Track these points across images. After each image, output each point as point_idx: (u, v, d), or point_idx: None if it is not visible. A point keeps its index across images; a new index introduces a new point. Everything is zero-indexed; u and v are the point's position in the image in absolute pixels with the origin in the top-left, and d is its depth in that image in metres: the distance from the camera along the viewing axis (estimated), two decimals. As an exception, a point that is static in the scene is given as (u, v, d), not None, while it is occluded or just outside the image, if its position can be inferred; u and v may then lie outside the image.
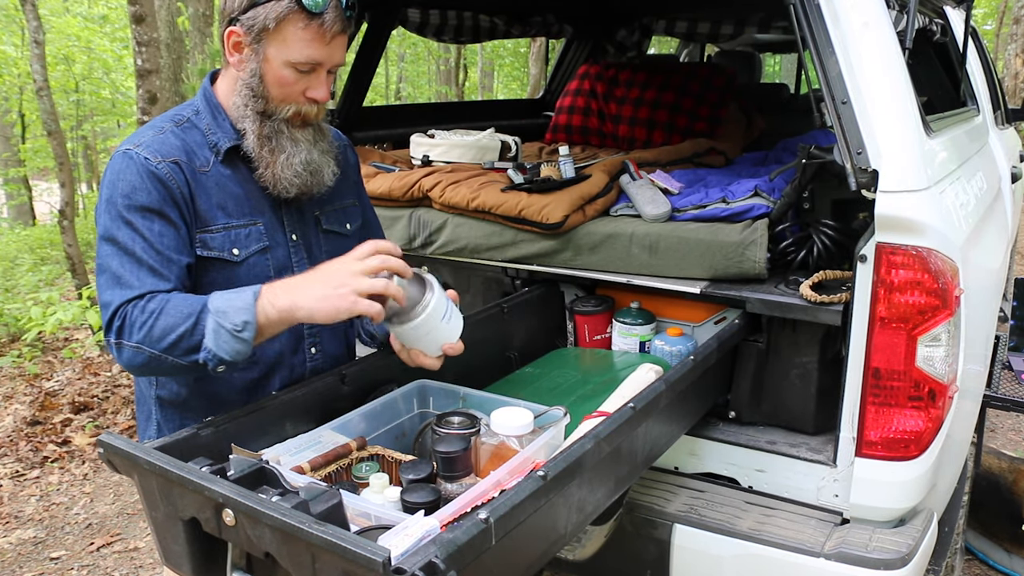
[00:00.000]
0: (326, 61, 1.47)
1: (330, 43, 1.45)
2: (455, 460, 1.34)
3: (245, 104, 1.50)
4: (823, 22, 1.78)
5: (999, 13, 15.04)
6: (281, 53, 1.44)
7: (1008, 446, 3.87)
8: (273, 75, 1.47)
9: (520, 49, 15.65)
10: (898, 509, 1.81)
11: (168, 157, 1.46)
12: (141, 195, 1.42)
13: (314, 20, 1.41)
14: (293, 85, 1.48)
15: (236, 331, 1.33)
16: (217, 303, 1.36)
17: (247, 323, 1.33)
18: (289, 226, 1.61)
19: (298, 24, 1.42)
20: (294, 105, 1.50)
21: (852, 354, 1.76)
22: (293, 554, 0.98)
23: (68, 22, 11.73)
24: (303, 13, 1.40)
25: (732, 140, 3.25)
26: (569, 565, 1.99)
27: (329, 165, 1.59)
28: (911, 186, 1.68)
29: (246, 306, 1.34)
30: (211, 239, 1.50)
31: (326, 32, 1.43)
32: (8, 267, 7.70)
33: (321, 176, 1.58)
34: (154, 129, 1.51)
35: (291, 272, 1.60)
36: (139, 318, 1.36)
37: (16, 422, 4.17)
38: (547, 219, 2.16)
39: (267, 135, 1.51)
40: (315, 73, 1.48)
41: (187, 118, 1.54)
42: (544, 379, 2.01)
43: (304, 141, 1.54)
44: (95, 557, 3.10)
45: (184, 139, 1.50)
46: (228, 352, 1.35)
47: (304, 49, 1.44)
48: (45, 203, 12.52)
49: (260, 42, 1.44)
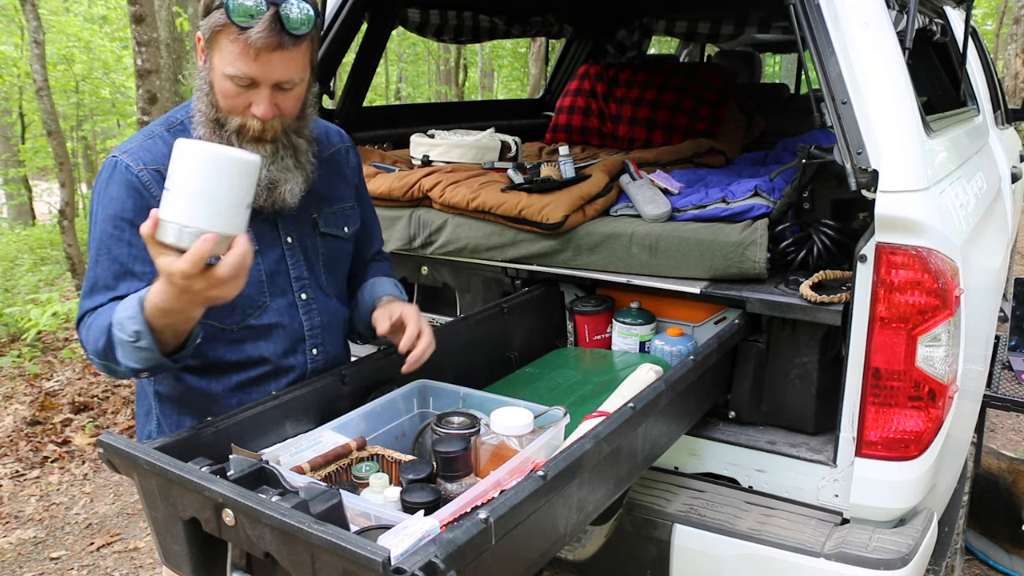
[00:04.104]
0: (260, 77, 1.40)
1: (258, 59, 1.37)
2: (455, 460, 1.34)
3: (200, 111, 1.48)
4: (823, 22, 1.78)
5: (999, 13, 15.04)
6: (220, 64, 1.41)
7: (1008, 446, 3.87)
8: (218, 85, 1.44)
9: (520, 49, 15.65)
10: (898, 509, 1.81)
11: (151, 165, 1.47)
12: (116, 204, 1.45)
13: (242, 34, 1.35)
14: (235, 98, 1.43)
15: (132, 342, 1.33)
16: (116, 315, 1.35)
17: (138, 332, 1.31)
18: (284, 229, 1.60)
19: (229, 36, 1.37)
20: (240, 118, 1.45)
21: (852, 354, 1.76)
22: (293, 554, 0.98)
23: (68, 22, 11.73)
24: (233, 26, 1.36)
25: (732, 140, 3.25)
26: (569, 565, 1.99)
27: (291, 182, 1.53)
28: (911, 186, 1.68)
29: (134, 315, 1.32)
30: None
31: (251, 48, 1.36)
32: (8, 267, 7.70)
33: (278, 192, 1.52)
34: (144, 134, 1.52)
35: (285, 276, 1.60)
36: (85, 334, 1.44)
37: (16, 422, 4.17)
38: (547, 219, 2.16)
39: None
40: (256, 88, 1.42)
41: (180, 121, 1.55)
42: (544, 379, 2.01)
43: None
44: (95, 557, 3.10)
45: (172, 144, 1.49)
46: (136, 361, 1.35)
47: (234, 62, 1.38)
48: (45, 203, 12.52)
49: (208, 51, 1.43)
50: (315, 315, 1.65)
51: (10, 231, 10.70)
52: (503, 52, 16.55)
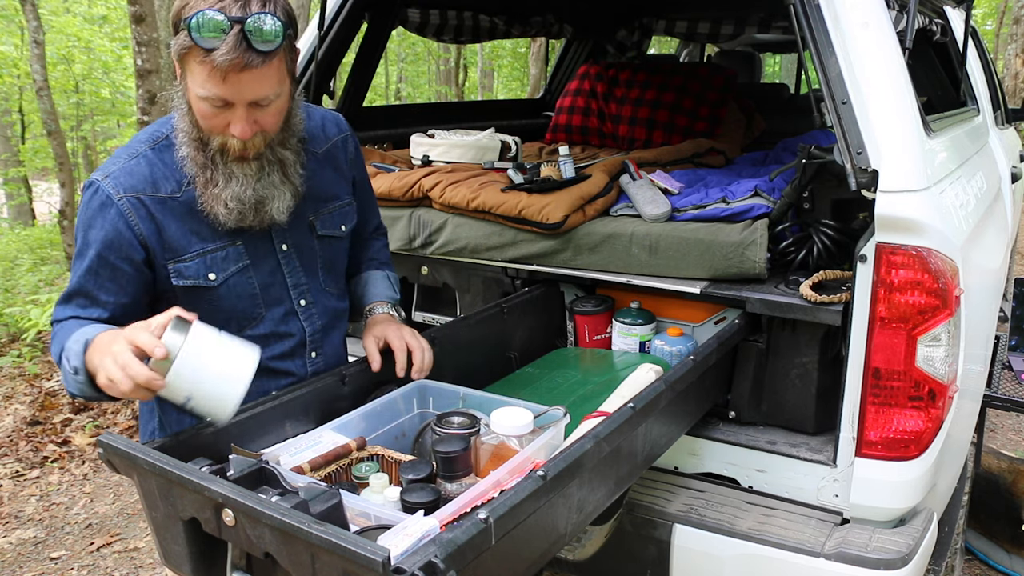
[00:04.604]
0: (232, 98, 1.36)
1: (226, 80, 1.33)
2: (455, 460, 1.34)
3: (183, 130, 1.46)
4: (823, 22, 1.78)
5: (999, 13, 15.04)
6: (192, 86, 1.38)
7: (1008, 446, 3.86)
8: (195, 106, 1.41)
9: (520, 49, 15.65)
10: (898, 509, 1.80)
11: (131, 192, 1.45)
12: (92, 232, 1.46)
13: (207, 56, 1.31)
14: (212, 119, 1.40)
15: (72, 373, 1.37)
16: (68, 343, 1.39)
17: (77, 368, 1.35)
18: (278, 238, 1.59)
19: (196, 58, 1.33)
20: (220, 137, 1.43)
21: (852, 354, 1.76)
22: (293, 554, 0.98)
23: (68, 22, 11.74)
24: (198, 48, 1.31)
25: (732, 140, 3.25)
26: (569, 565, 1.99)
27: (279, 199, 1.51)
28: (911, 186, 1.68)
29: (79, 351, 1.35)
30: (185, 268, 1.49)
31: (218, 70, 1.31)
32: (8, 267, 7.69)
33: (266, 209, 1.50)
34: (128, 153, 1.50)
35: (281, 286, 1.60)
36: (53, 342, 1.46)
37: (16, 422, 4.17)
38: (547, 219, 2.16)
39: (203, 164, 1.46)
40: (231, 108, 1.38)
41: (165, 135, 1.51)
42: (544, 379, 2.01)
43: (241, 176, 1.46)
44: (95, 557, 3.10)
45: (156, 163, 1.48)
46: (74, 388, 1.38)
47: (204, 84, 1.35)
48: (45, 203, 12.52)
49: (182, 71, 1.41)
50: (315, 319, 1.65)
51: (10, 231, 10.70)
52: (503, 52, 16.56)
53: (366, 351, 1.68)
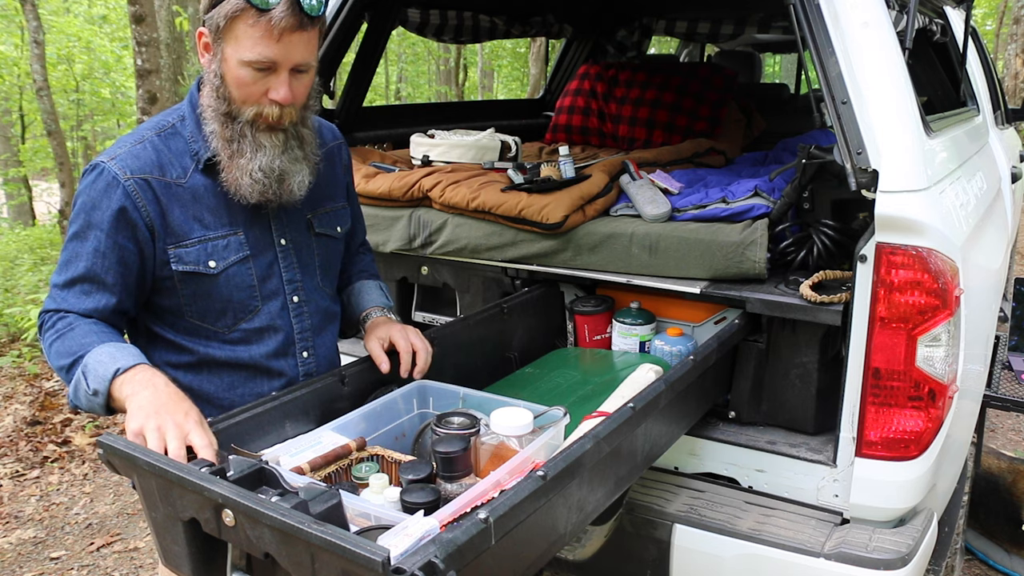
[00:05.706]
0: (281, 59, 1.41)
1: (280, 40, 1.39)
2: (455, 460, 1.34)
3: (211, 106, 1.48)
4: (823, 22, 1.78)
5: (999, 13, 15.04)
6: (236, 52, 1.41)
7: (1008, 446, 3.86)
8: (232, 75, 1.43)
9: (520, 49, 15.65)
10: (898, 509, 1.80)
11: (138, 173, 1.45)
12: (98, 213, 1.44)
13: (263, 16, 1.36)
14: (252, 85, 1.43)
15: (88, 393, 1.36)
16: (91, 358, 1.37)
17: (98, 391, 1.35)
18: (278, 231, 1.60)
19: (248, 21, 1.38)
20: (255, 106, 1.45)
21: (852, 354, 1.76)
22: (292, 554, 0.98)
23: (68, 22, 11.73)
24: (252, 9, 1.36)
25: (732, 140, 3.25)
26: (569, 565, 1.99)
27: (300, 174, 1.54)
28: (911, 186, 1.68)
29: (105, 377, 1.34)
30: (186, 253, 1.49)
31: (274, 28, 1.37)
32: (8, 267, 7.69)
33: (287, 184, 1.52)
34: (134, 139, 1.51)
35: (277, 279, 1.60)
36: (47, 334, 1.44)
37: (16, 422, 4.17)
38: (547, 219, 2.16)
39: (229, 138, 1.47)
40: (274, 73, 1.43)
41: (171, 124, 1.53)
42: (544, 379, 2.01)
43: (270, 146, 1.48)
44: (95, 557, 3.10)
45: (162, 149, 1.49)
46: (83, 404, 1.38)
47: (255, 47, 1.39)
48: (45, 203, 12.51)
49: (219, 42, 1.42)
50: (305, 318, 1.65)
51: (10, 231, 10.69)
52: (503, 52, 16.56)
53: (371, 353, 1.68)
